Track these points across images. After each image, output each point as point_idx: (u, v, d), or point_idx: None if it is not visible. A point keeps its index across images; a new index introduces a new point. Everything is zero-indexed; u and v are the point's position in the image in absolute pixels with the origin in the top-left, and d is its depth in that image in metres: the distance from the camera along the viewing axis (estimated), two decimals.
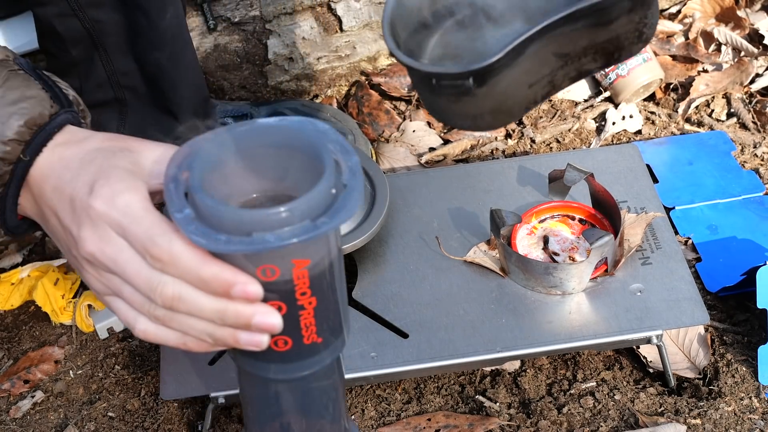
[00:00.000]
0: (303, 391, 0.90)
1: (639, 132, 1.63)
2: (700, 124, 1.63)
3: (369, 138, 1.64)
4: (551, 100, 1.69)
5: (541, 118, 1.66)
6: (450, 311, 1.23)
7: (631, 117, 1.63)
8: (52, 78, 0.90)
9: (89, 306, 1.37)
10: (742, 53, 1.71)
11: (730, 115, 1.65)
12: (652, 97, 1.68)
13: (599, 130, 1.64)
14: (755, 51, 1.70)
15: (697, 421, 1.18)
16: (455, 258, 1.28)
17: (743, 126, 1.62)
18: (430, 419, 1.21)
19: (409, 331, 1.21)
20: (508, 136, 1.64)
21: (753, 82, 1.67)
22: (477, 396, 1.24)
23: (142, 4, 1.31)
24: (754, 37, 1.74)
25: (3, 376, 1.34)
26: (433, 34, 1.08)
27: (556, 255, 1.26)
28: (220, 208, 0.75)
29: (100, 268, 0.81)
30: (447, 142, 1.64)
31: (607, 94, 1.68)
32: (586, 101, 1.69)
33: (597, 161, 1.40)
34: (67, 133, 0.87)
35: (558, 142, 1.63)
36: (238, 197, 0.84)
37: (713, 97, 1.66)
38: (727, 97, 1.66)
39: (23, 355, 1.37)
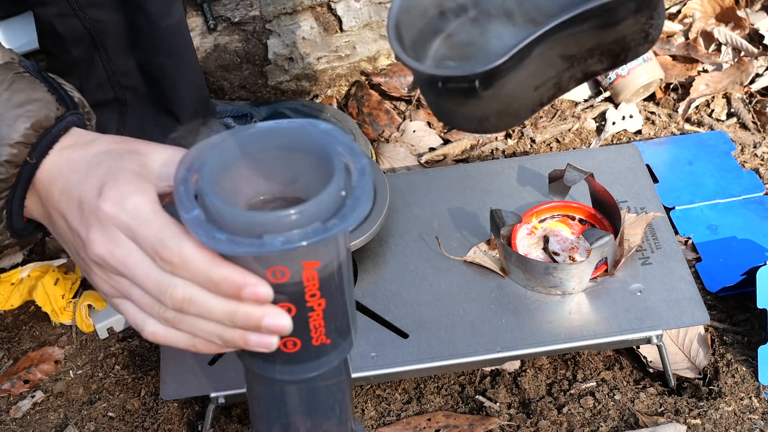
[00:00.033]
0: (310, 392, 0.90)
1: (639, 132, 1.63)
2: (700, 124, 1.63)
3: (369, 138, 1.64)
4: None
5: (541, 118, 1.66)
6: (450, 311, 1.23)
7: (631, 117, 1.63)
8: (58, 80, 0.90)
9: (89, 306, 1.37)
10: (742, 53, 1.71)
11: (730, 115, 1.65)
12: (652, 97, 1.68)
13: (599, 130, 1.64)
14: (755, 51, 1.70)
15: (697, 421, 1.18)
16: (455, 258, 1.28)
17: (743, 126, 1.62)
18: (430, 419, 1.21)
19: (409, 331, 1.21)
20: (508, 136, 1.64)
21: (753, 82, 1.67)
22: (477, 396, 1.24)
23: (143, 4, 1.31)
24: (754, 37, 1.74)
25: (3, 376, 1.34)
26: (438, 36, 1.08)
27: (556, 255, 1.26)
28: (231, 210, 0.75)
29: (108, 270, 0.81)
30: (447, 142, 1.64)
31: (607, 94, 1.68)
32: (586, 101, 1.69)
33: (597, 161, 1.40)
34: (73, 136, 0.87)
35: (558, 142, 1.63)
36: (246, 199, 0.84)
37: (713, 97, 1.66)
38: (727, 97, 1.66)
39: (23, 355, 1.37)
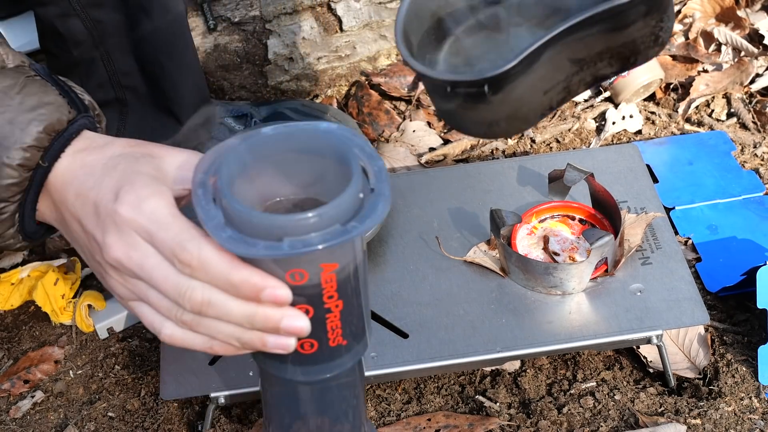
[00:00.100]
0: (325, 393, 0.90)
1: (639, 132, 1.63)
2: (700, 124, 1.63)
3: (369, 138, 1.64)
4: None
5: None
6: (450, 311, 1.23)
7: (631, 117, 1.63)
8: (68, 83, 0.90)
9: (89, 306, 1.37)
10: (742, 53, 1.71)
11: (730, 115, 1.65)
12: (652, 97, 1.68)
13: (599, 130, 1.64)
14: (755, 51, 1.70)
15: (697, 421, 1.18)
16: (455, 258, 1.28)
17: (743, 126, 1.62)
18: (430, 419, 1.21)
19: (409, 331, 1.21)
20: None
21: (753, 82, 1.67)
22: (477, 396, 1.24)
23: (144, 4, 1.31)
24: (754, 37, 1.74)
25: (3, 376, 1.34)
26: (446, 40, 1.07)
27: (557, 255, 1.26)
28: (251, 213, 0.75)
29: (125, 273, 0.81)
30: (447, 142, 1.64)
31: (607, 94, 1.68)
32: (586, 101, 1.69)
33: (597, 161, 1.40)
34: (86, 139, 0.87)
35: (558, 142, 1.63)
36: (262, 201, 0.84)
37: (713, 97, 1.66)
38: (727, 97, 1.66)
39: (23, 355, 1.37)
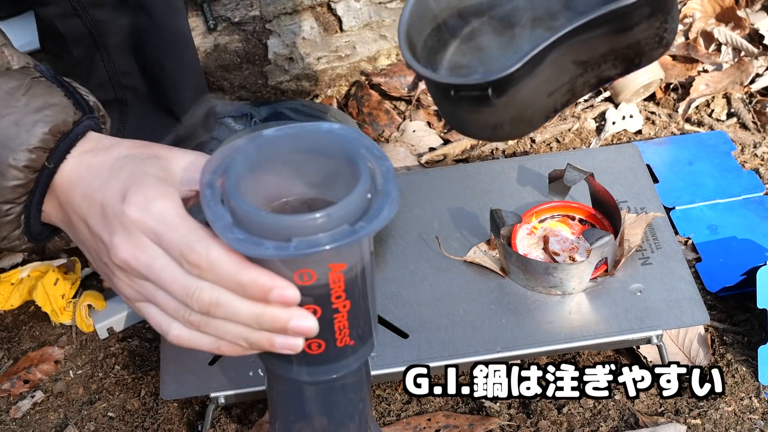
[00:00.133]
0: (331, 394, 0.90)
1: (639, 132, 1.63)
2: (700, 124, 1.63)
3: None
4: None
5: None
6: (450, 311, 1.23)
7: (631, 117, 1.63)
8: (73, 84, 0.90)
9: (89, 306, 1.37)
10: (742, 53, 1.71)
11: (730, 115, 1.65)
12: (652, 97, 1.68)
13: (599, 130, 1.64)
14: (755, 51, 1.70)
15: (697, 421, 1.18)
16: (455, 258, 1.28)
17: (743, 126, 1.62)
18: (430, 419, 1.21)
19: (409, 331, 1.21)
20: None
21: (753, 82, 1.67)
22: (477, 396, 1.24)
23: (144, 4, 1.31)
24: (754, 37, 1.74)
25: (3, 376, 1.34)
26: (450, 42, 1.07)
27: (557, 255, 1.26)
28: (260, 214, 0.75)
29: (132, 274, 0.81)
30: (447, 142, 1.64)
31: (607, 94, 1.68)
32: (586, 101, 1.69)
33: (597, 161, 1.40)
34: (92, 140, 0.87)
35: (558, 142, 1.63)
36: (269, 202, 0.84)
37: (713, 97, 1.66)
38: (727, 97, 1.66)
39: (23, 355, 1.37)
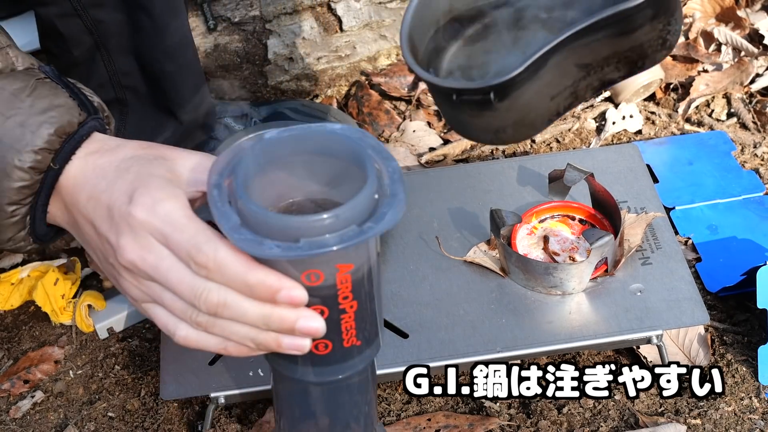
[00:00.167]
0: (336, 394, 0.90)
1: (639, 132, 1.63)
2: (700, 124, 1.63)
3: None
4: None
5: None
6: (450, 311, 1.23)
7: (631, 117, 1.63)
8: (77, 85, 0.90)
9: (89, 306, 1.37)
10: (742, 53, 1.71)
11: (730, 115, 1.65)
12: (652, 97, 1.68)
13: (599, 130, 1.64)
14: (755, 51, 1.70)
15: (697, 421, 1.18)
16: (455, 258, 1.28)
17: (743, 126, 1.62)
18: (430, 419, 1.21)
19: (409, 331, 1.21)
20: None
21: (753, 82, 1.67)
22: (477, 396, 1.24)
23: (145, 4, 1.31)
24: (754, 37, 1.74)
25: (3, 376, 1.34)
26: (452, 45, 1.07)
27: (557, 255, 1.26)
28: (267, 215, 0.76)
29: (139, 275, 0.81)
30: (447, 142, 1.64)
31: (607, 94, 1.68)
32: (586, 101, 1.69)
33: (597, 161, 1.40)
34: (97, 141, 0.87)
35: (558, 142, 1.63)
36: (276, 203, 0.84)
37: (713, 97, 1.66)
38: (727, 97, 1.66)
39: (23, 355, 1.37)
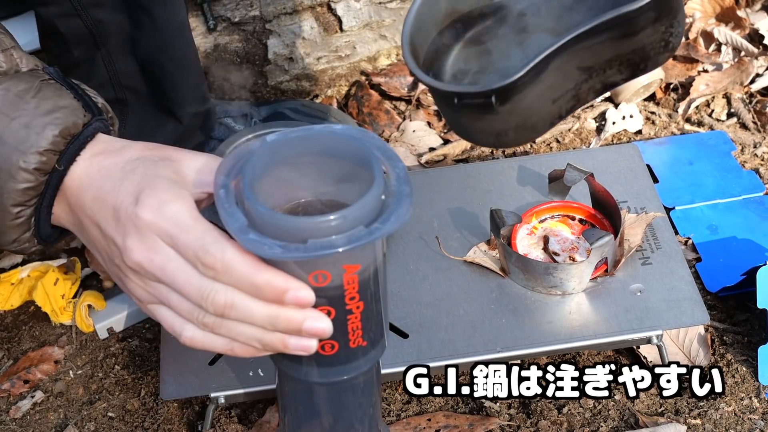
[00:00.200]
0: (342, 395, 0.90)
1: (639, 132, 1.63)
2: (700, 124, 1.63)
3: None
4: None
5: None
6: (450, 311, 1.23)
7: (631, 117, 1.63)
8: (81, 86, 0.90)
9: (89, 306, 1.37)
10: (742, 53, 1.71)
11: (730, 115, 1.65)
12: (652, 97, 1.68)
13: (599, 130, 1.64)
14: (755, 51, 1.70)
15: (697, 421, 1.18)
16: (455, 258, 1.28)
17: (743, 126, 1.62)
18: (430, 419, 1.21)
19: (409, 331, 1.21)
20: None
21: (753, 82, 1.67)
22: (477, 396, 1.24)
23: (145, 4, 1.31)
24: (754, 37, 1.74)
25: (3, 376, 1.34)
26: (454, 47, 1.07)
27: (557, 255, 1.26)
28: (275, 216, 0.76)
29: (146, 277, 0.81)
30: (447, 142, 1.64)
31: (607, 94, 1.68)
32: (588, 103, 1.69)
33: (597, 161, 1.40)
34: (102, 143, 0.87)
35: (558, 141, 1.63)
36: (282, 204, 0.84)
37: (713, 97, 1.66)
38: (727, 97, 1.66)
39: (23, 355, 1.37)
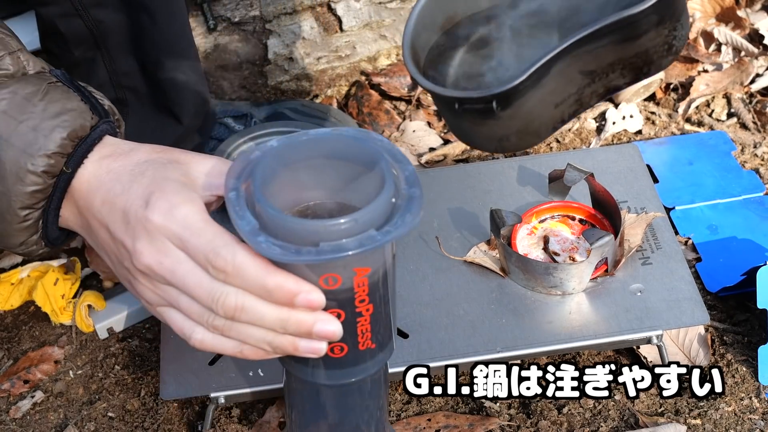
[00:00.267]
0: (349, 397, 0.90)
1: (639, 132, 1.63)
2: (700, 124, 1.63)
3: None
4: None
5: None
6: (450, 311, 1.23)
7: (631, 117, 1.63)
8: (88, 88, 0.90)
9: (89, 306, 1.37)
10: (743, 53, 1.71)
11: (730, 115, 1.65)
12: (652, 97, 1.68)
13: (599, 130, 1.64)
14: (755, 51, 1.70)
15: (697, 421, 1.18)
16: (455, 258, 1.28)
17: (743, 126, 1.62)
18: (430, 419, 1.21)
19: (409, 331, 1.21)
20: None
21: (753, 82, 1.67)
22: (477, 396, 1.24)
23: (146, 4, 1.31)
24: (755, 37, 1.74)
25: (3, 376, 1.34)
26: (455, 52, 1.06)
27: (557, 255, 1.26)
28: (287, 219, 0.76)
29: (155, 280, 0.81)
30: (447, 142, 1.64)
31: None
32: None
33: (597, 161, 1.40)
34: (110, 145, 0.87)
35: (558, 142, 1.63)
36: (291, 207, 0.84)
37: (713, 97, 1.66)
38: (727, 97, 1.66)
39: (23, 355, 1.37)
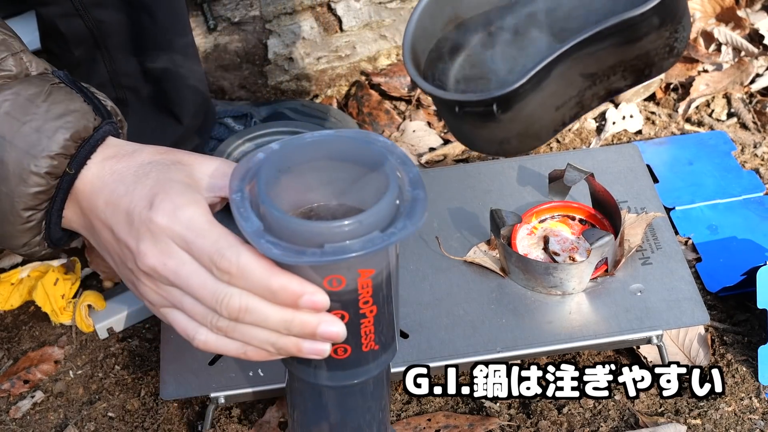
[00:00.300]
0: (351, 398, 0.90)
1: (639, 132, 1.63)
2: (700, 124, 1.63)
3: None
4: None
5: None
6: (450, 311, 1.23)
7: (631, 117, 1.63)
8: (91, 89, 0.90)
9: (89, 306, 1.37)
10: (743, 53, 1.71)
11: (730, 115, 1.65)
12: (652, 97, 1.68)
13: (599, 130, 1.64)
14: (755, 51, 1.70)
15: (697, 421, 1.18)
16: (455, 258, 1.28)
17: (743, 126, 1.62)
18: (430, 419, 1.21)
19: (409, 331, 1.21)
20: None
21: (753, 82, 1.67)
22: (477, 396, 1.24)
23: (147, 4, 1.31)
24: (755, 37, 1.74)
25: (3, 376, 1.34)
26: (455, 55, 1.06)
27: (557, 255, 1.26)
28: (291, 220, 0.76)
29: (159, 281, 0.81)
30: (447, 142, 1.64)
31: None
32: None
33: (597, 161, 1.40)
34: (114, 146, 0.87)
35: (558, 142, 1.63)
36: (295, 208, 0.84)
37: (713, 97, 1.66)
38: (727, 97, 1.66)
39: (23, 355, 1.37)
